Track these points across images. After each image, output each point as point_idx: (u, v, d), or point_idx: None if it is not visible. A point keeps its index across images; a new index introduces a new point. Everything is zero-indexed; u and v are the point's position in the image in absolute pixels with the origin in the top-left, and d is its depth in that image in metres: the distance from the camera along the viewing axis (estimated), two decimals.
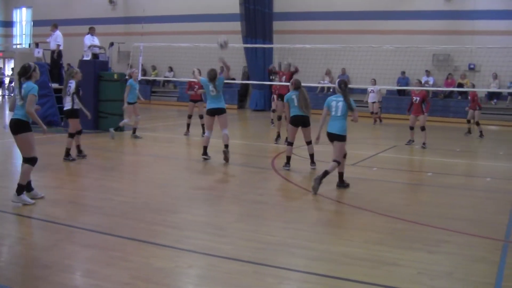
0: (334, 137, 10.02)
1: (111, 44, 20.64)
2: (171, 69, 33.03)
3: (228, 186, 10.67)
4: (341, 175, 10.21)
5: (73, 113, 12.37)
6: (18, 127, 8.19)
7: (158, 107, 31.14)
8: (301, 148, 13.49)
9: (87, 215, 7.89)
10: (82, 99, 12.35)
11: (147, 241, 6.63)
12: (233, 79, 30.80)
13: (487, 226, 7.97)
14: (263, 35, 30.47)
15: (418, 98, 16.48)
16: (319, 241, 6.94)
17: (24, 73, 8.35)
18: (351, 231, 7.47)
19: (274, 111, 20.15)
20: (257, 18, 30.07)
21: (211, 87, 12.57)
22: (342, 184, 10.23)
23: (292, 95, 11.90)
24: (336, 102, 10.08)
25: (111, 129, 16.09)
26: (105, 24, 33.29)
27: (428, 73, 27.65)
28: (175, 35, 31.75)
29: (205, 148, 12.85)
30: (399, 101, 27.94)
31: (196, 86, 17.16)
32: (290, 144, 12.04)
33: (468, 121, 19.75)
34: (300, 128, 12.00)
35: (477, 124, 19.14)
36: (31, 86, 8.20)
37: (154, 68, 33.61)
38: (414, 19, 28.20)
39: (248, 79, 30.06)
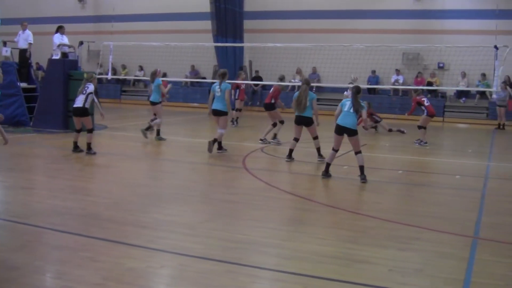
0: (344, 130, 10.71)
1: (81, 43, 20.42)
2: (141, 68, 32.83)
3: (199, 186, 10.62)
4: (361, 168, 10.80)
5: (85, 111, 12.91)
6: None
7: (128, 106, 30.92)
8: (278, 148, 13.51)
9: (57, 215, 7.78)
10: (42, 100, 12.57)
11: (118, 241, 6.57)
12: (204, 78, 30.74)
13: (456, 223, 8.06)
14: (234, 34, 30.44)
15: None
16: (291, 240, 6.94)
17: None
18: (323, 229, 7.49)
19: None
20: (228, 17, 30.03)
21: (217, 88, 13.51)
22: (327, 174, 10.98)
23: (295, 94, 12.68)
24: (350, 102, 10.86)
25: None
26: (74, 22, 32.90)
27: (398, 72, 27.91)
28: (145, 34, 31.60)
29: (219, 143, 13.77)
30: (369, 99, 28.05)
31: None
32: (295, 139, 12.82)
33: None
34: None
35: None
36: None
37: (124, 67, 33.37)
38: (384, 19, 28.43)
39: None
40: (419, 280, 5.68)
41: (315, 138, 12.99)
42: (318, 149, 13.01)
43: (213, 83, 15.06)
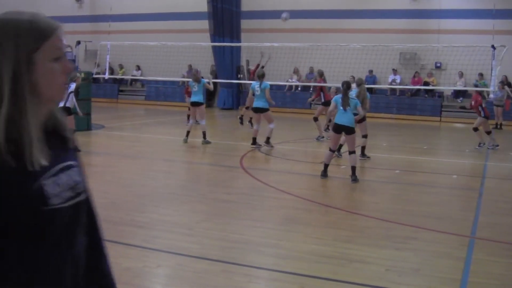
0: (342, 129, 10.72)
1: (78, 42, 20.45)
2: (138, 68, 32.79)
3: (196, 185, 10.61)
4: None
5: (66, 110, 12.51)
6: None
7: (125, 106, 30.89)
8: (274, 147, 13.51)
9: None
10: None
11: (115, 241, 6.55)
12: (201, 77, 30.69)
13: (453, 222, 8.07)
14: (231, 34, 30.42)
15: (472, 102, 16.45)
16: (287, 239, 6.94)
17: None
18: (320, 229, 7.48)
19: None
20: (225, 17, 30.01)
21: (256, 87, 14.45)
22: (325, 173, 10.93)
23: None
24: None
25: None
26: (71, 22, 32.83)
27: (395, 71, 27.92)
28: (142, 33, 31.55)
29: (254, 139, 14.67)
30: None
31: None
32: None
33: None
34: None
35: None
36: None
37: (121, 66, 33.33)
38: (381, 18, 28.42)
39: (216, 78, 29.98)
40: (416, 280, 5.68)
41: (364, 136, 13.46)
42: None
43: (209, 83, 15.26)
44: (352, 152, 10.74)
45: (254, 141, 14.67)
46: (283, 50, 25.54)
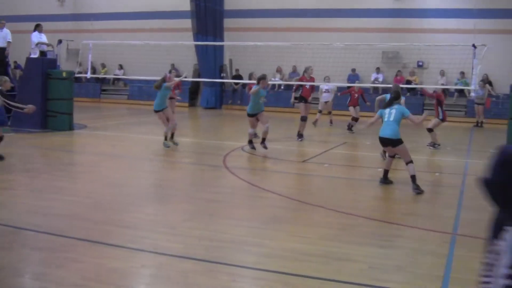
0: (387, 142, 10.13)
1: (60, 41, 20.24)
2: (121, 67, 32.68)
3: (180, 185, 10.61)
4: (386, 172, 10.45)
5: None
6: None
7: (108, 105, 30.78)
8: (257, 147, 13.53)
9: (37, 216, 7.72)
10: (20, 100, 12.00)
11: (100, 242, 6.55)
12: (185, 76, 30.65)
13: (436, 220, 8.14)
14: (214, 33, 30.41)
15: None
16: (271, 238, 6.96)
17: None
18: (303, 227, 7.51)
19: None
20: (208, 16, 29.99)
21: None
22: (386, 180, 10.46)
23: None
24: (390, 109, 10.21)
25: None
26: (53, 21, 32.68)
27: (378, 70, 28.07)
28: (125, 32, 31.44)
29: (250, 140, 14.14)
30: (349, 98, 28.25)
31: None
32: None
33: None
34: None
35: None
36: None
37: (103, 66, 33.19)
38: (364, 17, 28.58)
39: (199, 77, 29.95)
40: (399, 277, 5.73)
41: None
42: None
43: (193, 82, 15.18)
44: (409, 162, 9.90)
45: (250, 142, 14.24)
46: (267, 49, 25.51)
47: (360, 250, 6.52)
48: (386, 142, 10.14)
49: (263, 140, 13.87)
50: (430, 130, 15.72)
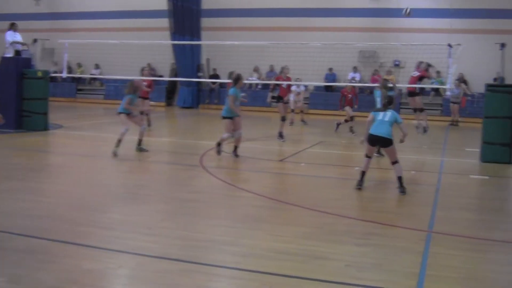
0: (379, 140, 9.92)
1: (35, 40, 20.10)
2: (97, 66, 32.47)
3: (156, 185, 10.55)
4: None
5: None
6: None
7: (84, 105, 30.58)
8: (230, 145, 13.50)
9: (12, 218, 7.63)
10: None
11: (75, 243, 6.49)
12: (161, 76, 30.57)
13: (412, 217, 8.20)
14: (191, 32, 30.37)
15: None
16: (248, 237, 6.95)
17: None
18: (280, 226, 7.51)
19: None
20: (185, 15, 29.93)
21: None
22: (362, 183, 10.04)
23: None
24: (385, 111, 10.09)
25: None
26: (28, 20, 32.37)
27: (355, 69, 28.22)
28: (102, 31, 31.26)
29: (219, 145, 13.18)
30: (326, 97, 28.49)
31: (145, 83, 16.96)
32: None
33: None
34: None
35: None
36: None
37: (79, 65, 32.96)
38: (341, 17, 28.73)
39: (176, 76, 29.87)
40: (375, 275, 5.75)
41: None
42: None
43: (170, 81, 15.04)
44: (395, 162, 9.83)
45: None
46: (244, 48, 25.49)
47: (337, 249, 6.54)
48: (377, 140, 9.91)
49: (236, 148, 13.19)
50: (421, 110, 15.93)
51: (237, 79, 13.15)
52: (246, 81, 27.75)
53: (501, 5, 24.99)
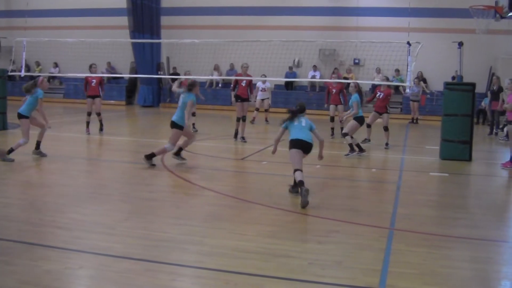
0: (302, 145, 9.66)
1: None
2: (56, 65, 32.02)
3: (117, 184, 10.44)
4: None
5: None
6: None
7: (43, 104, 30.01)
8: (196, 144, 13.47)
9: None
10: None
11: (35, 243, 6.39)
12: (120, 74, 30.29)
13: (373, 215, 8.27)
14: (151, 30, 30.20)
15: (382, 94, 16.40)
16: (211, 236, 6.94)
17: None
18: (243, 225, 7.51)
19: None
20: (145, 13, 29.73)
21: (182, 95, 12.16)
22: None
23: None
24: (298, 119, 10.08)
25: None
26: None
27: (315, 68, 28.36)
28: (61, 29, 30.84)
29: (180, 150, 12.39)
30: (287, 95, 28.60)
31: (94, 81, 16.73)
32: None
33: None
34: None
35: None
36: None
37: (38, 64, 32.46)
38: (301, 15, 28.88)
39: (136, 74, 29.64)
40: (338, 272, 5.79)
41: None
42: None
43: (130, 80, 14.87)
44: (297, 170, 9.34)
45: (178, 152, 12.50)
46: (204, 46, 25.37)
47: (299, 247, 6.57)
48: (301, 144, 9.67)
49: (181, 149, 12.44)
50: (386, 128, 16.03)
51: (192, 85, 12.21)
52: (206, 77, 27.79)
53: (459, 4, 25.34)
